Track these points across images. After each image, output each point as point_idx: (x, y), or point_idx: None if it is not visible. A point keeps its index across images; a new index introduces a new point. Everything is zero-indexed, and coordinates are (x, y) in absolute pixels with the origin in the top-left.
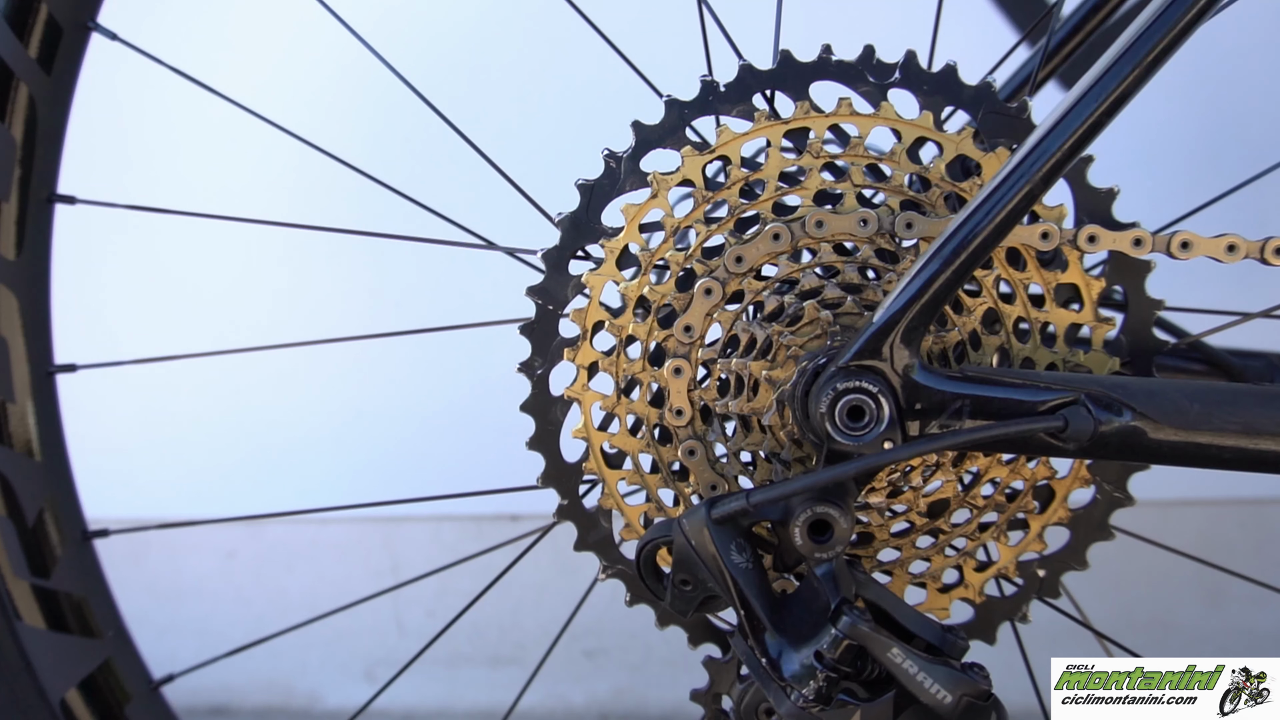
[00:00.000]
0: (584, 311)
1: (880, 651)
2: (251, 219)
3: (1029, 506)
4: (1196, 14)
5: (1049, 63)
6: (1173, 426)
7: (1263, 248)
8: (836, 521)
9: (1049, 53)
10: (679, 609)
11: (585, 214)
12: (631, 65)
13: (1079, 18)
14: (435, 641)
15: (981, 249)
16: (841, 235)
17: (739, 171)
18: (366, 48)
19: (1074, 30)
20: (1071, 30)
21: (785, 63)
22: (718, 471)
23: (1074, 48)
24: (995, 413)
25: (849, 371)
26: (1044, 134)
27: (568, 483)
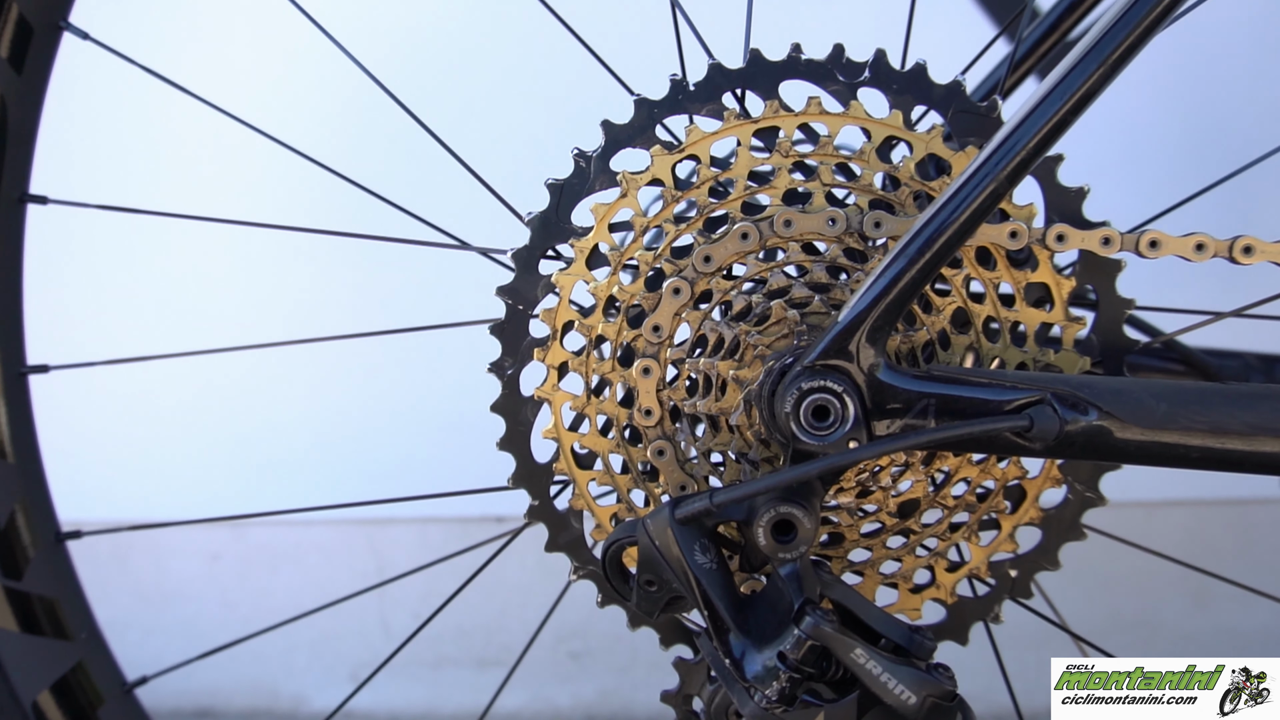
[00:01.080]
0: (554, 311)
1: (843, 652)
2: (225, 219)
3: (1000, 507)
4: (1160, 13)
5: (1028, 59)
6: (1139, 426)
7: (1231, 246)
8: (800, 522)
9: (1028, 50)
10: (645, 610)
11: (555, 213)
12: (603, 63)
13: (1056, 15)
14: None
15: (946, 248)
16: (810, 234)
17: (708, 171)
18: (338, 47)
19: (1052, 28)
20: (1049, 28)
21: (755, 62)
22: (687, 472)
23: (1052, 45)
24: (961, 412)
25: (814, 371)
26: (1009, 133)
27: (539, 483)
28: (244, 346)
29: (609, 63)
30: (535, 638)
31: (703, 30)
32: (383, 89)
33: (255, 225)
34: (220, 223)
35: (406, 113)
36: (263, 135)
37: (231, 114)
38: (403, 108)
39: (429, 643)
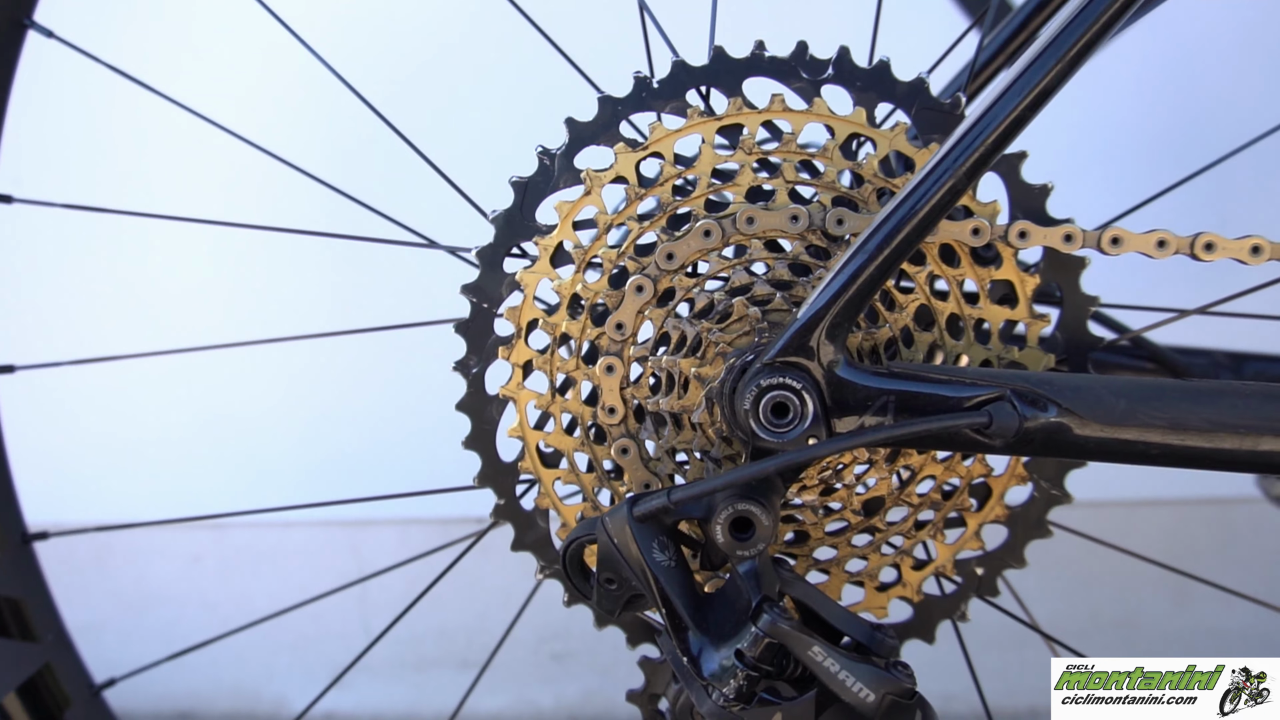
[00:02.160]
0: (518, 309)
1: (801, 650)
2: (194, 219)
3: (966, 504)
4: (1117, 11)
5: (999, 56)
6: (1098, 422)
7: (1193, 243)
8: (758, 519)
9: (1000, 46)
10: (606, 608)
11: (519, 211)
12: (570, 60)
13: (1026, 13)
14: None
15: (905, 244)
16: (772, 232)
17: (671, 168)
18: (305, 47)
19: (1022, 25)
20: (1021, 25)
21: (719, 59)
22: (651, 470)
23: (1023, 42)
24: (921, 409)
25: (773, 368)
26: (966, 130)
27: (504, 482)
28: (215, 346)
29: (577, 60)
30: (505, 637)
31: (672, 27)
32: (348, 87)
33: (225, 225)
34: (189, 222)
35: (372, 110)
36: (232, 135)
37: (201, 114)
38: (368, 105)
39: (411, 644)
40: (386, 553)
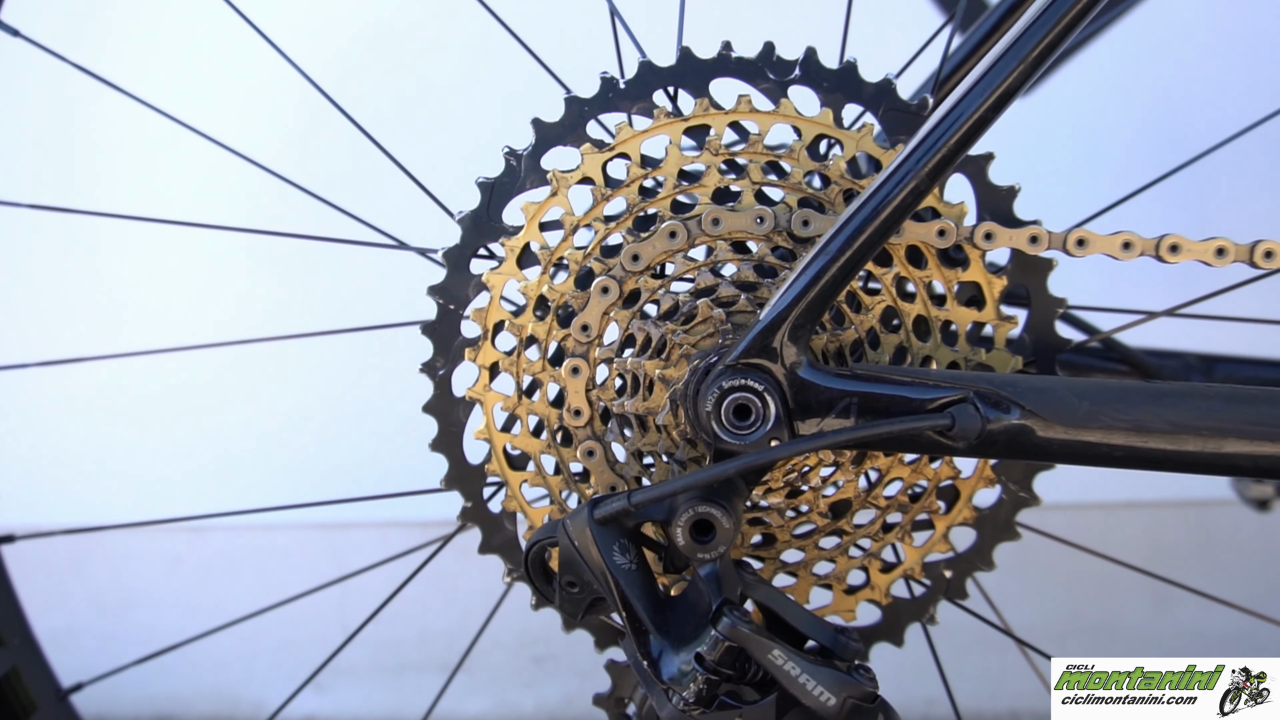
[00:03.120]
0: (485, 311)
1: (761, 653)
2: (165, 220)
3: (933, 507)
4: (1080, 12)
5: (973, 57)
6: (1061, 424)
7: (1158, 245)
8: (719, 522)
9: (975, 47)
10: (568, 611)
11: (486, 212)
12: (539, 60)
13: (1003, 11)
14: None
15: (867, 246)
16: (738, 233)
17: (638, 169)
18: (273, 47)
19: (998, 25)
20: (996, 24)
21: (685, 59)
22: (617, 473)
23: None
24: (884, 411)
25: (735, 369)
26: (929, 131)
27: (472, 485)
28: (188, 347)
29: (547, 60)
30: (477, 640)
31: (648, 27)
32: (317, 88)
33: (196, 226)
34: (162, 223)
35: (339, 110)
36: (203, 137)
37: (172, 116)
38: (336, 106)
39: (392, 648)
40: (366, 556)
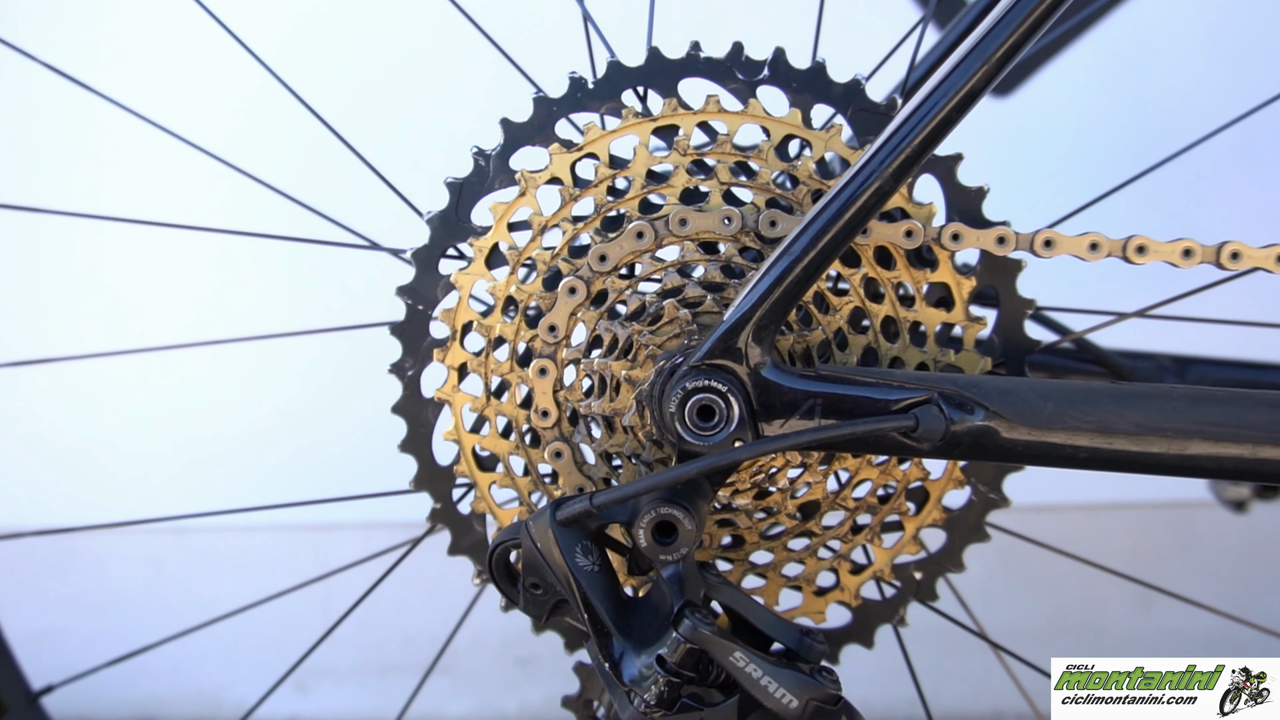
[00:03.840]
0: (453, 311)
1: (722, 655)
2: (136, 220)
3: (903, 509)
4: (1043, 13)
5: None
6: (1026, 425)
7: (1125, 246)
8: (681, 523)
9: (950, 46)
10: (532, 613)
11: (454, 212)
12: (510, 60)
13: (978, 11)
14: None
15: (831, 247)
16: (706, 234)
17: (606, 169)
18: (246, 50)
19: (975, 23)
20: (972, 24)
21: (654, 59)
22: (585, 474)
23: None
24: (848, 412)
25: (699, 370)
26: (892, 131)
27: (441, 486)
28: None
29: (520, 60)
30: (449, 642)
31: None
32: (287, 88)
33: (171, 226)
34: (136, 224)
35: (310, 112)
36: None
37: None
38: (306, 106)
39: (375, 649)
40: (349, 557)
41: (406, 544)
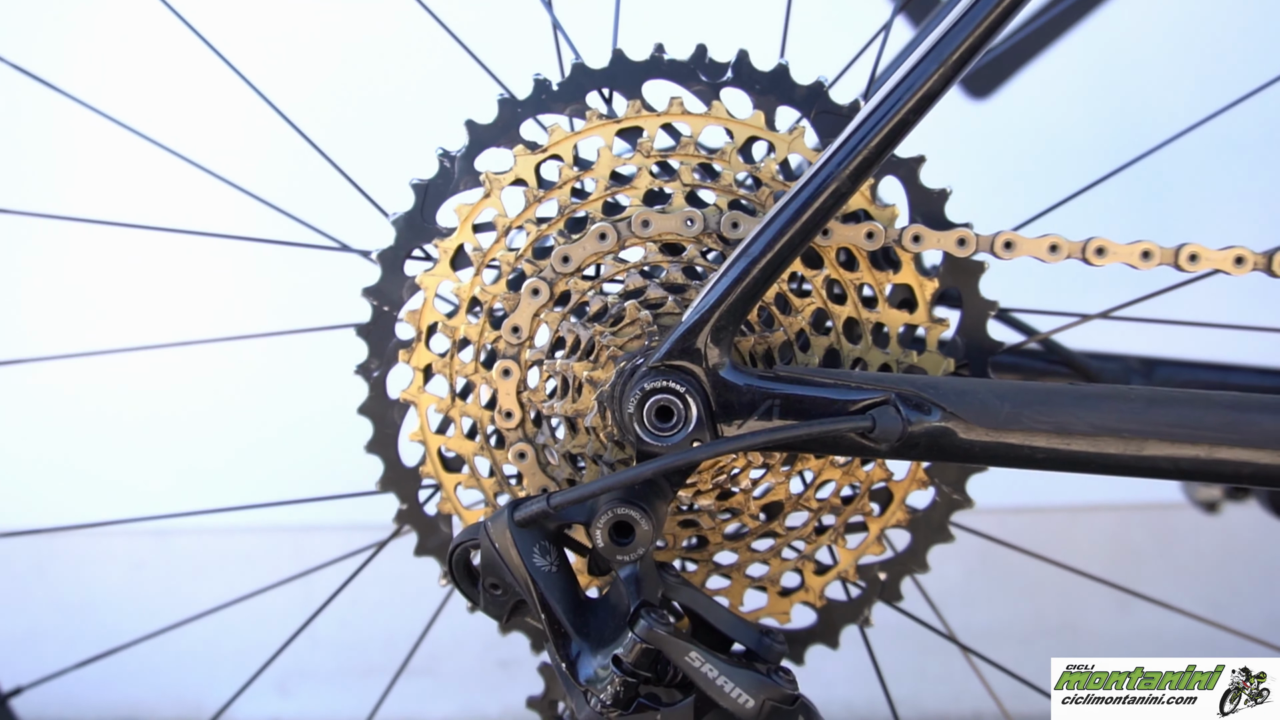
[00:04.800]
0: (419, 313)
1: (678, 655)
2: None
3: (866, 509)
4: (1000, 16)
5: None
6: (983, 426)
7: (1084, 248)
8: (638, 523)
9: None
10: (492, 614)
11: (420, 214)
12: (478, 61)
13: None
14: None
15: (789, 249)
16: (668, 235)
17: (569, 171)
18: (213, 51)
19: None
20: None
21: (618, 61)
22: (549, 475)
23: None
24: (806, 412)
25: (657, 371)
26: (850, 133)
27: (407, 487)
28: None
29: (489, 62)
30: (420, 643)
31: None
32: (254, 90)
33: (145, 228)
34: (105, 225)
35: (279, 115)
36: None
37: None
38: (272, 107)
39: (357, 651)
40: (331, 557)
41: (363, 549)
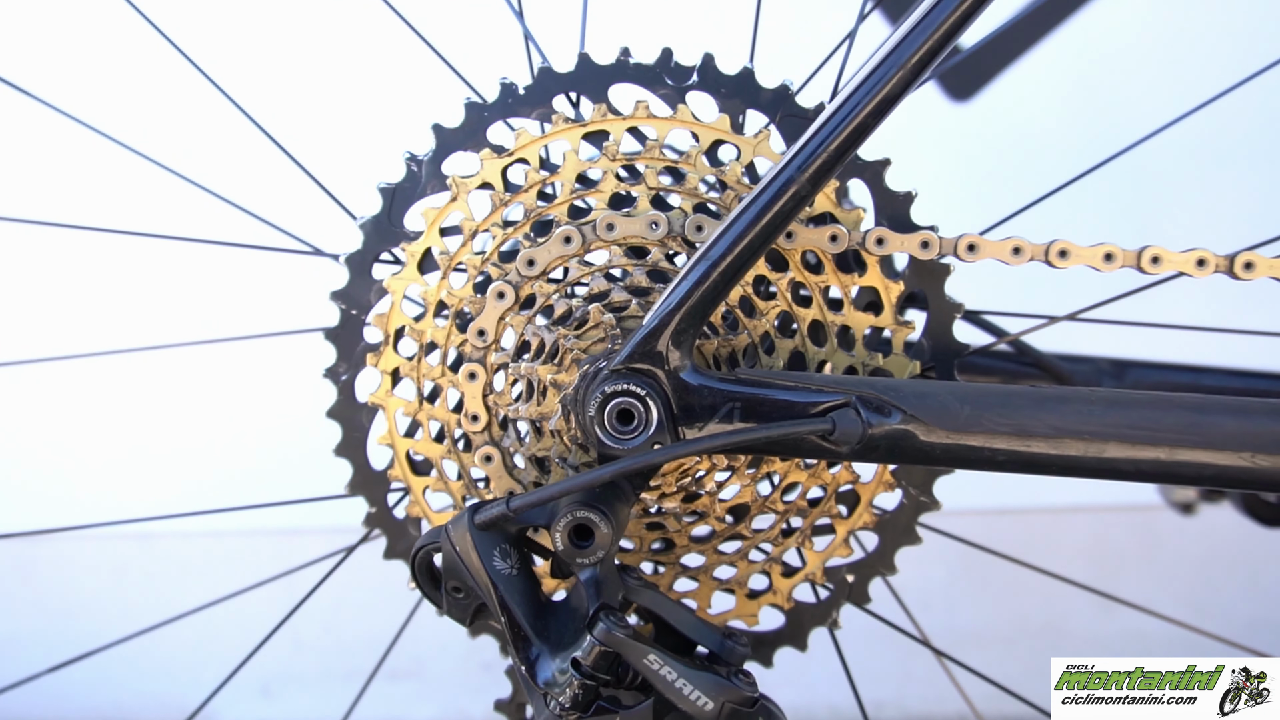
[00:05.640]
0: (386, 316)
1: (636, 658)
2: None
3: (834, 511)
4: (959, 20)
5: None
6: (943, 428)
7: (1047, 251)
8: (597, 526)
9: None
10: (456, 617)
11: (388, 217)
12: (448, 64)
13: None
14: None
15: (749, 252)
16: (633, 238)
17: (536, 175)
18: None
19: None
20: None
21: (584, 65)
22: (516, 478)
23: None
24: (766, 415)
25: (619, 374)
26: (809, 137)
27: (376, 491)
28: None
29: (460, 67)
30: (391, 648)
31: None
32: (225, 95)
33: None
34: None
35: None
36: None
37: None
38: (241, 110)
39: (341, 654)
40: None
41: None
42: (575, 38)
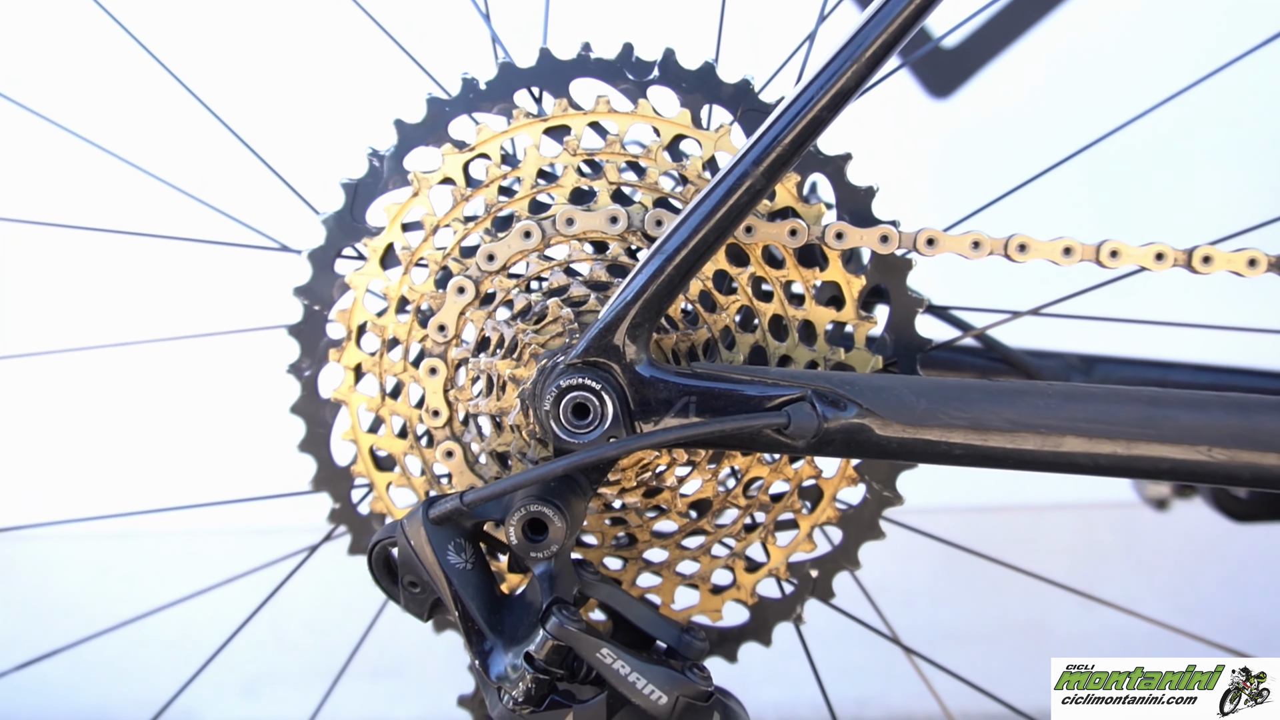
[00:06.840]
0: (349, 312)
1: (589, 652)
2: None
3: (796, 506)
4: (914, 13)
5: None
6: (899, 422)
7: (1006, 244)
8: (551, 520)
9: None
10: (413, 612)
11: (350, 213)
12: (413, 59)
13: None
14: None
15: (704, 246)
16: (593, 233)
17: (497, 169)
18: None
19: None
20: None
21: (545, 60)
22: (477, 473)
23: None
24: (722, 409)
25: (574, 368)
26: (764, 130)
27: (340, 486)
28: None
29: (425, 61)
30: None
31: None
32: (188, 90)
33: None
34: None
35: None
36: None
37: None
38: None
39: (323, 654)
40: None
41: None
42: (539, 33)
